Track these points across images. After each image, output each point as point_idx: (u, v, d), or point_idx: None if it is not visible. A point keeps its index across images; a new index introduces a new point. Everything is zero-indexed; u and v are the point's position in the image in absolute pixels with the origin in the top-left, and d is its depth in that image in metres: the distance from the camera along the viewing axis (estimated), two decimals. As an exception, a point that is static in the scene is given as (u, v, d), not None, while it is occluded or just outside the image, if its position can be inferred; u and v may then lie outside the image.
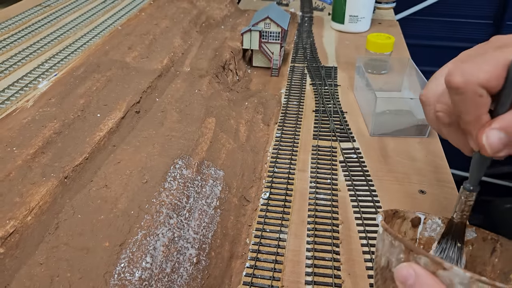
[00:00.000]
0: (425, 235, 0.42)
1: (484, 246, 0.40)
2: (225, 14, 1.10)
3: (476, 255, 0.40)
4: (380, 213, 0.38)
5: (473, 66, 0.32)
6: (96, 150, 0.55)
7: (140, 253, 0.41)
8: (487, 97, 0.32)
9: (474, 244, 0.40)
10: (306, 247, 0.49)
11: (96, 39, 0.91)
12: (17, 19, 0.99)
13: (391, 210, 0.41)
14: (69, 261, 0.40)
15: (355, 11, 1.05)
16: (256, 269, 0.46)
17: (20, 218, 0.44)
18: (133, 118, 0.62)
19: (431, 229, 0.42)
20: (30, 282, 0.38)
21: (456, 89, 0.33)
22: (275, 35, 0.84)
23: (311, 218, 0.53)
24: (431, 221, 0.42)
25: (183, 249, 0.44)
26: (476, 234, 0.40)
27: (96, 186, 0.48)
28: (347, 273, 0.46)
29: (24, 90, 0.71)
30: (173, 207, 0.47)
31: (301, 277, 0.46)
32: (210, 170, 0.55)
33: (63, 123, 0.58)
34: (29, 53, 0.83)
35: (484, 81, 0.32)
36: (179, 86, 0.71)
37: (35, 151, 0.52)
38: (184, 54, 0.85)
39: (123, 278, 0.39)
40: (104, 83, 0.69)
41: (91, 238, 0.42)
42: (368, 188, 0.58)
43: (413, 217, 0.42)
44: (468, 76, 0.32)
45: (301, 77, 0.86)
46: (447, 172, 0.62)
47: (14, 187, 0.47)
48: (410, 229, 0.42)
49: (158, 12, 1.03)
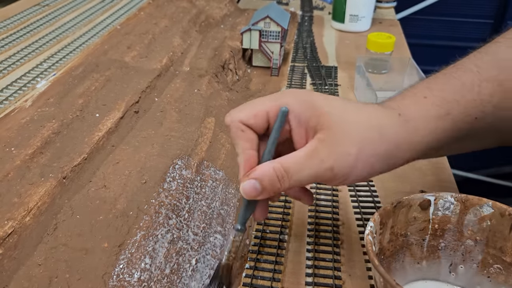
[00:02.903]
0: (439, 214, 0.42)
1: (503, 222, 0.40)
2: (224, 13, 1.09)
3: (495, 230, 0.40)
4: (369, 224, 0.38)
5: (239, 109, 0.40)
6: (95, 150, 0.54)
7: (139, 254, 0.41)
8: (250, 132, 0.39)
9: (492, 219, 0.40)
10: (307, 248, 0.49)
11: (95, 38, 0.91)
12: (16, 19, 0.99)
13: (391, 204, 0.40)
14: (67, 262, 0.40)
15: (356, 11, 1.05)
16: (256, 270, 0.46)
17: (18, 218, 0.43)
18: (132, 118, 0.62)
19: (444, 208, 0.42)
20: (29, 283, 0.38)
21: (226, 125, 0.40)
22: (275, 35, 0.84)
23: (312, 219, 0.53)
24: (442, 201, 0.42)
25: (183, 250, 0.44)
26: (493, 210, 0.40)
27: (95, 186, 0.48)
28: (347, 274, 0.46)
29: (22, 90, 0.70)
30: (172, 208, 0.47)
31: (302, 278, 0.45)
32: (210, 171, 0.55)
33: (62, 123, 0.58)
34: (28, 53, 0.83)
35: (243, 119, 0.39)
36: (178, 85, 0.71)
37: (34, 151, 0.52)
38: (183, 53, 0.84)
39: (122, 279, 0.39)
40: (103, 83, 0.69)
41: (89, 239, 0.42)
42: (368, 189, 0.58)
43: (421, 201, 0.41)
44: (232, 115, 0.40)
45: (301, 77, 0.86)
46: (448, 172, 0.62)
47: (13, 188, 0.47)
48: (420, 212, 0.42)
49: (157, 12, 1.03)
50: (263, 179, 0.38)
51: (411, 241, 0.42)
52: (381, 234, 0.40)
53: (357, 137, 0.37)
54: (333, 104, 0.39)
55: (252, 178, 0.38)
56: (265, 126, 0.40)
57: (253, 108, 0.40)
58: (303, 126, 0.39)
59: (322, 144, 0.37)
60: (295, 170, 0.38)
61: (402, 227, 0.42)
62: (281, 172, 0.38)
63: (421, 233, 0.42)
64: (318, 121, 0.38)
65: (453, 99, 0.40)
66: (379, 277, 0.34)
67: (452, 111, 0.40)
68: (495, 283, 0.41)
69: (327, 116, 0.38)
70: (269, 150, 0.40)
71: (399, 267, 0.42)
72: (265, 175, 0.38)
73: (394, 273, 0.42)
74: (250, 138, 0.40)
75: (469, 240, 0.42)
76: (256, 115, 0.39)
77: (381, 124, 0.39)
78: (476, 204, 0.41)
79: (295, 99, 0.39)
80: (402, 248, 0.42)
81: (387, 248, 0.41)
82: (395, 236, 0.41)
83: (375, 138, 0.38)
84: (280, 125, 0.39)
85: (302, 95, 0.40)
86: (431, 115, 0.39)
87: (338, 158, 0.37)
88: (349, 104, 0.40)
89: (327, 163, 0.37)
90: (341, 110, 0.39)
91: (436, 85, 0.41)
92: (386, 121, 0.39)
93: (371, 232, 0.38)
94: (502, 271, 0.40)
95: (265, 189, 0.38)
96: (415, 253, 0.43)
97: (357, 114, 0.39)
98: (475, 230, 0.41)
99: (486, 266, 0.41)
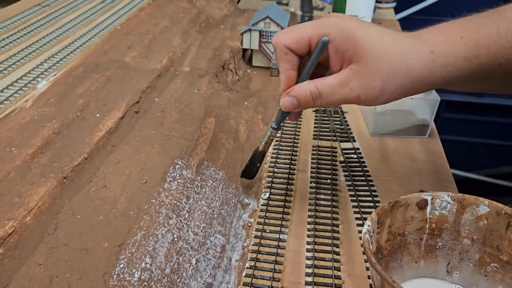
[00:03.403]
0: (436, 213, 0.42)
1: (500, 220, 0.40)
2: (224, 13, 1.09)
3: (492, 229, 0.41)
4: (366, 223, 0.38)
5: (285, 32, 0.45)
6: (95, 151, 0.54)
7: (140, 254, 0.41)
8: (292, 55, 0.44)
9: (489, 218, 0.41)
10: (306, 248, 0.49)
11: (95, 38, 0.91)
12: (16, 19, 0.99)
13: (388, 203, 0.41)
14: (68, 262, 0.40)
15: (355, 11, 1.05)
16: (256, 270, 0.46)
17: (19, 218, 0.43)
18: (132, 118, 0.62)
19: (441, 207, 0.42)
20: (29, 283, 0.38)
21: (273, 46, 0.46)
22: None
23: (311, 219, 0.53)
24: (439, 200, 0.42)
25: (183, 250, 0.44)
26: (489, 209, 0.41)
27: (95, 186, 0.48)
28: (347, 274, 0.46)
29: (23, 90, 0.71)
30: (172, 208, 0.47)
31: (301, 278, 0.46)
32: (210, 170, 0.55)
33: (62, 123, 0.58)
34: (28, 53, 0.83)
35: (286, 43, 0.44)
36: (178, 86, 0.71)
37: (34, 151, 0.52)
38: (183, 53, 0.84)
39: (122, 279, 0.39)
40: (103, 83, 0.69)
41: (90, 238, 0.42)
42: (368, 189, 0.58)
43: (418, 200, 0.42)
44: (278, 38, 0.45)
45: (301, 77, 0.86)
46: (447, 172, 0.62)
47: (13, 188, 0.47)
48: (417, 212, 0.42)
49: (158, 12, 1.03)
50: (300, 97, 0.45)
51: (408, 241, 0.42)
52: (378, 233, 0.40)
53: (386, 70, 0.41)
54: (371, 36, 0.42)
55: (291, 95, 0.45)
56: (306, 50, 0.44)
57: (297, 33, 0.44)
58: (340, 55, 0.43)
59: (354, 75, 0.42)
60: (327, 93, 0.43)
61: (400, 227, 0.42)
62: (316, 94, 0.44)
63: (419, 233, 0.42)
64: (354, 52, 0.42)
65: (485, 44, 0.42)
66: (376, 275, 0.34)
67: (481, 55, 0.42)
68: (492, 281, 0.41)
69: (363, 49, 0.42)
70: (307, 72, 0.45)
71: (397, 266, 0.42)
72: (302, 94, 0.45)
73: (392, 272, 0.42)
74: (292, 59, 0.45)
75: (466, 239, 0.42)
76: (299, 41, 0.44)
77: (410, 58, 0.42)
78: (472, 203, 0.41)
79: (336, 28, 0.43)
80: (399, 248, 0.42)
81: (384, 247, 0.41)
82: (392, 236, 0.42)
83: (401, 72, 0.42)
84: (319, 53, 0.44)
85: (343, 25, 0.43)
86: (461, 55, 0.42)
87: (365, 89, 0.42)
88: (387, 36, 0.43)
89: (355, 92, 0.43)
90: (377, 43, 0.42)
91: (475, 27, 0.43)
92: (415, 55, 0.42)
93: (368, 231, 0.38)
94: (499, 269, 0.40)
95: (300, 105, 0.45)
96: (412, 252, 0.43)
97: (392, 47, 0.42)
98: (472, 229, 0.41)
99: (483, 265, 0.41)
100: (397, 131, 0.69)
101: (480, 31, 0.42)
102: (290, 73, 0.45)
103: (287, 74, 0.45)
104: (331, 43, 0.43)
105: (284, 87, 0.46)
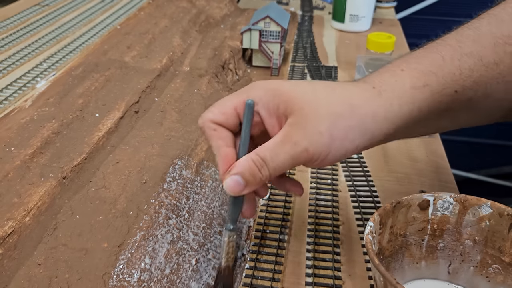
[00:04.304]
0: (438, 214, 0.42)
1: (502, 222, 0.40)
2: (224, 13, 1.09)
3: (494, 230, 0.40)
4: (369, 224, 0.38)
5: (209, 109, 0.41)
6: (95, 150, 0.54)
7: (139, 254, 0.41)
8: (223, 130, 0.40)
9: (491, 219, 0.40)
10: (307, 248, 0.49)
11: (95, 38, 0.91)
12: (16, 19, 0.99)
13: (390, 204, 0.40)
14: (67, 262, 0.40)
15: (356, 10, 1.05)
16: (256, 270, 0.46)
17: (18, 218, 0.43)
18: (132, 118, 0.62)
19: (443, 208, 0.42)
20: (29, 283, 0.38)
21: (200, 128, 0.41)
22: (275, 35, 0.84)
23: (312, 219, 0.53)
24: (441, 201, 0.42)
25: (182, 250, 0.44)
26: (492, 210, 0.40)
27: (95, 186, 0.48)
28: (347, 274, 0.46)
29: (22, 90, 0.71)
30: (172, 208, 0.46)
31: (302, 278, 0.45)
32: (210, 171, 0.55)
33: (62, 123, 0.58)
34: (28, 53, 0.83)
35: (212, 118, 0.40)
36: (178, 85, 0.71)
37: (34, 151, 0.52)
38: (183, 53, 0.84)
39: (122, 279, 0.39)
40: (102, 83, 0.69)
41: (89, 239, 0.42)
42: (369, 189, 0.58)
43: (420, 201, 0.41)
44: (203, 116, 0.41)
45: (301, 77, 0.86)
46: (448, 173, 0.61)
47: (12, 188, 0.47)
48: (419, 212, 0.42)
49: (157, 11, 1.03)
50: (244, 172, 0.38)
51: (410, 241, 0.42)
52: (380, 234, 0.40)
53: (327, 114, 0.37)
54: (300, 87, 0.39)
55: (233, 174, 0.39)
56: (236, 122, 0.41)
57: (221, 106, 0.41)
58: (273, 115, 0.39)
59: (293, 128, 0.38)
60: (271, 157, 0.38)
61: (401, 227, 0.42)
62: (259, 162, 0.38)
63: (420, 233, 0.42)
64: (287, 106, 0.38)
65: (430, 72, 0.40)
66: (379, 276, 0.34)
67: (430, 83, 0.39)
68: (493, 283, 0.41)
69: (294, 99, 0.38)
70: (243, 144, 0.40)
71: (398, 267, 0.42)
72: (245, 167, 0.38)
73: (393, 273, 0.42)
74: (224, 136, 0.40)
75: (468, 240, 0.42)
76: (225, 113, 0.40)
77: (353, 98, 0.39)
78: (475, 204, 0.41)
79: (261, 89, 0.40)
80: (401, 248, 0.42)
81: (386, 248, 0.41)
82: (394, 236, 0.41)
83: (345, 112, 0.38)
84: (248, 118, 0.40)
85: (268, 85, 0.40)
86: (407, 86, 0.39)
87: (311, 138, 0.37)
88: (318, 84, 0.40)
89: (301, 145, 0.37)
90: (309, 91, 0.39)
91: (415, 59, 0.41)
92: (358, 94, 0.39)
93: (371, 232, 0.38)
94: (501, 271, 0.40)
95: (248, 182, 0.39)
96: (414, 253, 0.43)
97: (327, 92, 0.39)
98: (474, 230, 0.41)
99: (484, 266, 0.41)
100: (398, 131, 0.69)
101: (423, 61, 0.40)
102: (226, 151, 0.40)
103: (223, 152, 0.40)
104: (260, 105, 0.39)
105: (224, 168, 0.40)
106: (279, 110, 0.39)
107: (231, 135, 0.41)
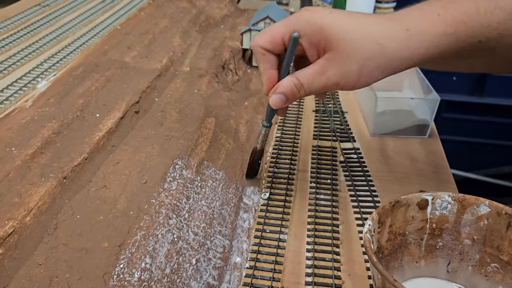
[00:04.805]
0: (437, 214, 0.42)
1: (500, 221, 0.40)
2: (224, 13, 1.09)
3: (493, 229, 0.41)
4: (367, 222, 0.38)
5: (260, 34, 0.47)
6: (95, 151, 0.54)
7: (139, 254, 0.41)
8: (270, 55, 0.47)
9: (489, 218, 0.41)
10: (306, 248, 0.49)
11: (95, 38, 0.91)
12: (16, 19, 0.99)
13: (389, 203, 0.41)
14: (68, 262, 0.40)
15: (355, 11, 1.05)
16: (256, 270, 0.46)
17: (19, 218, 0.43)
18: (132, 118, 0.62)
19: (441, 208, 0.42)
20: (29, 283, 0.38)
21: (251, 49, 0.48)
22: (275, 35, 0.84)
23: (311, 219, 0.53)
24: (440, 200, 0.42)
25: (183, 250, 0.44)
26: (490, 209, 0.41)
27: (95, 186, 0.48)
28: (347, 274, 0.46)
29: (23, 90, 0.71)
30: (172, 208, 0.47)
31: (301, 278, 0.46)
32: (210, 170, 0.55)
33: (62, 123, 0.58)
34: (28, 53, 0.83)
35: (262, 44, 0.47)
36: (178, 86, 0.71)
37: (34, 151, 0.52)
38: (183, 53, 0.84)
39: (122, 279, 0.39)
40: (103, 83, 0.69)
41: (90, 238, 0.42)
42: (368, 189, 0.58)
43: (419, 200, 0.42)
44: (255, 41, 0.47)
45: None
46: (447, 173, 0.62)
47: (13, 188, 0.47)
48: (418, 212, 0.42)
49: (158, 12, 1.03)
50: (286, 92, 0.47)
51: (409, 240, 0.42)
52: (379, 232, 0.40)
53: (359, 54, 0.43)
54: (340, 24, 0.44)
55: (278, 92, 0.47)
56: (282, 48, 0.47)
57: (270, 34, 0.47)
58: (314, 47, 0.45)
59: (329, 63, 0.44)
60: (308, 83, 0.46)
61: (401, 226, 0.42)
62: (299, 85, 0.46)
63: (419, 233, 0.42)
64: (326, 43, 0.44)
65: (462, 21, 0.42)
66: (378, 274, 0.34)
67: (458, 32, 0.42)
68: (492, 282, 0.41)
69: (333, 38, 0.43)
70: (285, 68, 0.48)
71: (397, 266, 0.42)
72: (288, 88, 0.47)
73: (393, 272, 0.42)
74: (270, 59, 0.47)
75: (466, 239, 0.42)
76: (273, 41, 0.46)
77: (385, 38, 0.42)
78: (473, 204, 0.41)
79: (305, 22, 0.45)
80: (400, 247, 0.42)
81: (385, 247, 0.41)
82: (393, 235, 0.42)
83: (376, 53, 0.42)
84: (292, 49, 0.46)
85: (312, 18, 0.45)
86: (439, 31, 0.42)
87: (342, 75, 0.44)
88: (356, 20, 0.44)
89: (333, 79, 0.44)
90: (348, 29, 0.43)
91: (452, 4, 0.43)
92: (389, 36, 0.43)
93: (369, 230, 0.38)
94: (499, 270, 0.40)
95: (288, 99, 0.48)
96: (413, 252, 0.43)
97: (363, 31, 0.43)
98: (472, 229, 0.41)
99: (483, 265, 0.41)
100: (397, 131, 0.69)
101: (458, 8, 0.42)
102: (271, 72, 0.48)
103: (268, 73, 0.48)
104: (303, 37, 0.45)
105: (268, 85, 0.48)
106: (319, 44, 0.44)
107: (275, 59, 0.48)
